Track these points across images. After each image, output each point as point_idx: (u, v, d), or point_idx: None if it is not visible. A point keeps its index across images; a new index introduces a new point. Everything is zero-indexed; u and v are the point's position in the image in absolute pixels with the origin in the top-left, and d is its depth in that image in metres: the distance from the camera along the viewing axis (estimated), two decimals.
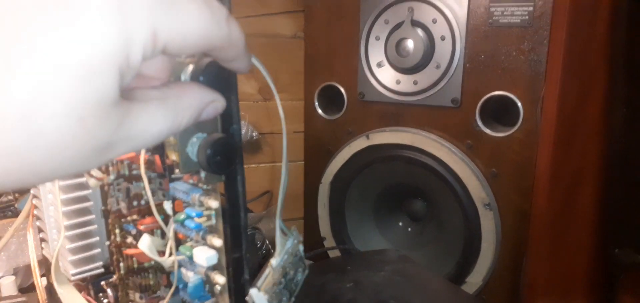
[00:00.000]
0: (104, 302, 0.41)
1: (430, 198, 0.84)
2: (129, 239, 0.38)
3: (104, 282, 0.41)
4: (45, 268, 0.45)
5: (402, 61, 0.75)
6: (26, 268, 0.68)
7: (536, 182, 0.65)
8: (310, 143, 0.92)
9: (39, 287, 0.47)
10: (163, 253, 0.34)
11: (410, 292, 0.53)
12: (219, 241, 0.30)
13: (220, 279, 0.31)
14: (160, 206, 0.34)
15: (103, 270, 0.41)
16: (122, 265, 0.39)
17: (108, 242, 0.40)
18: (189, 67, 0.25)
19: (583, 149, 0.61)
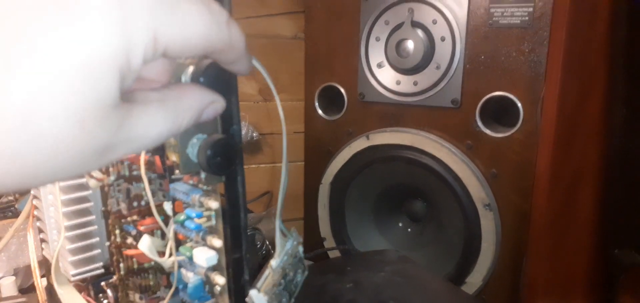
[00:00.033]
0: (104, 302, 0.42)
1: (430, 198, 0.84)
2: (129, 240, 0.38)
3: (104, 283, 0.41)
4: (46, 268, 0.45)
5: (402, 61, 0.75)
6: (26, 268, 0.68)
7: (536, 182, 0.65)
8: (311, 143, 0.92)
9: (39, 287, 0.47)
10: (163, 254, 0.34)
11: (410, 293, 0.53)
12: (219, 242, 0.30)
13: (220, 280, 0.31)
14: (160, 207, 0.34)
15: (103, 271, 0.41)
16: (122, 266, 0.39)
17: (108, 243, 0.40)
18: (190, 68, 0.25)
19: (583, 149, 0.61)
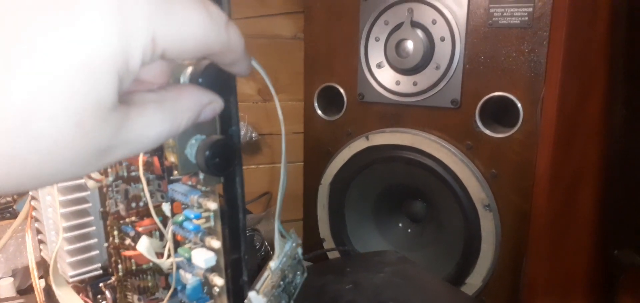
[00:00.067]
0: None
1: (430, 199, 0.84)
2: (127, 241, 0.38)
3: (103, 284, 0.41)
4: (44, 269, 0.45)
5: (402, 61, 0.75)
6: (24, 269, 0.68)
7: (536, 182, 0.65)
8: (310, 143, 0.91)
9: (37, 288, 0.47)
10: (161, 255, 0.34)
11: (410, 294, 0.53)
12: (217, 243, 0.30)
13: (219, 281, 0.31)
14: (158, 208, 0.34)
15: (101, 272, 0.41)
16: (121, 267, 0.38)
17: (106, 244, 0.40)
18: (188, 69, 0.25)
19: (583, 149, 0.61)
